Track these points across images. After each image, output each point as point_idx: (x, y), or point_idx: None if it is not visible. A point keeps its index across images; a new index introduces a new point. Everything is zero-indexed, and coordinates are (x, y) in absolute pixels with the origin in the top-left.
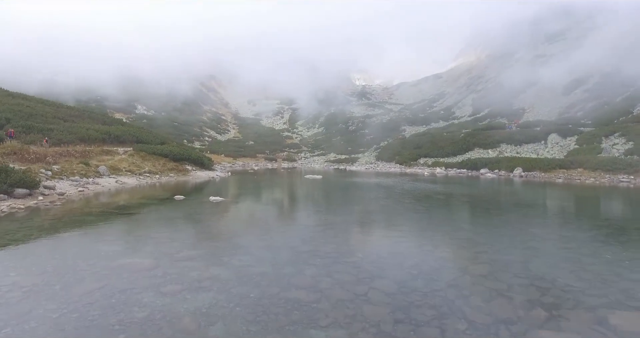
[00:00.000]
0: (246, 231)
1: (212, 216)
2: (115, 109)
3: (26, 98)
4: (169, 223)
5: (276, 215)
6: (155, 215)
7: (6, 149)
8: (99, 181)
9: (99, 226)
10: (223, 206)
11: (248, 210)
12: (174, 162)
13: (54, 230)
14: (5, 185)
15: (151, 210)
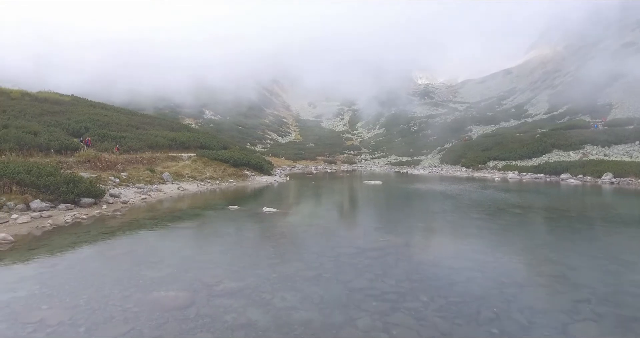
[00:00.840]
0: (295, 256)
1: (262, 233)
2: (186, 114)
3: (105, 108)
4: (217, 241)
5: (329, 233)
6: (206, 229)
7: (81, 157)
8: (162, 187)
9: (148, 242)
10: (275, 220)
11: (299, 226)
12: (234, 167)
13: (104, 246)
14: (73, 195)
15: (204, 223)
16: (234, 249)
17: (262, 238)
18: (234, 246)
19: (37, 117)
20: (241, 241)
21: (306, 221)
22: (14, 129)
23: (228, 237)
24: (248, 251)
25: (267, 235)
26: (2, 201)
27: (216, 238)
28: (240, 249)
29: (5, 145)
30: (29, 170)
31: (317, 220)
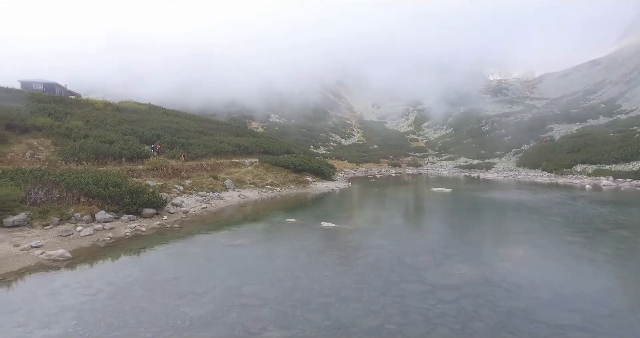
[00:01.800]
0: (353, 293)
1: (318, 256)
2: (252, 118)
3: (177, 115)
4: (268, 267)
5: (394, 259)
6: (259, 250)
7: (150, 164)
8: (224, 195)
9: (197, 265)
10: (333, 238)
11: (360, 249)
12: (295, 173)
13: (153, 269)
14: (136, 206)
15: (258, 241)
16: (286, 279)
17: (317, 265)
18: (286, 274)
19: (116, 126)
20: (295, 267)
21: (367, 242)
22: (93, 138)
23: (281, 261)
24: (300, 284)
25: (323, 260)
26: (71, 213)
27: (268, 261)
28: (292, 279)
29: (83, 154)
30: (97, 181)
31: (379, 239)
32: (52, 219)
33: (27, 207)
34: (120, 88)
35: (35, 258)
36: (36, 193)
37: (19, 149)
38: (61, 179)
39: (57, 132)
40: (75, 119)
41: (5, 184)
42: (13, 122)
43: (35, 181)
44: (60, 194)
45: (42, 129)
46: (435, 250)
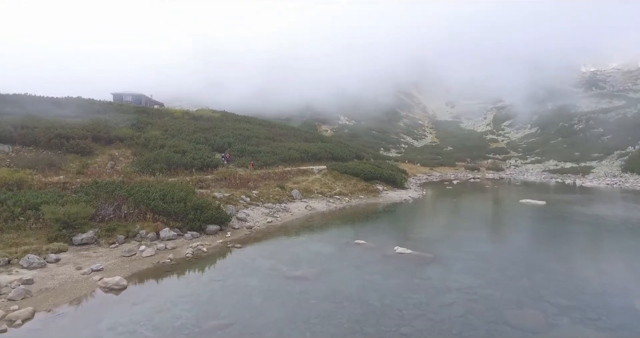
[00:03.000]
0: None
1: (392, 301)
2: (323, 121)
3: (249, 121)
4: (332, 315)
5: (487, 314)
6: (322, 287)
7: (219, 174)
8: (290, 206)
9: (252, 306)
10: (409, 272)
11: (442, 289)
12: (364, 182)
13: (202, 311)
14: (199, 222)
15: (322, 273)
16: (352, 336)
17: (392, 315)
18: (353, 326)
19: (190, 135)
20: (364, 318)
21: (452, 280)
22: (167, 148)
23: (348, 307)
24: None
25: (399, 307)
26: (137, 230)
27: (333, 306)
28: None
29: (157, 165)
30: (164, 195)
31: (465, 276)
32: (117, 237)
33: (95, 224)
34: (202, 95)
35: (92, 285)
36: (106, 209)
37: (102, 160)
38: (130, 194)
39: (136, 142)
40: (155, 129)
41: (79, 199)
42: (99, 134)
43: (107, 196)
44: (128, 210)
45: (124, 140)
46: (543, 297)
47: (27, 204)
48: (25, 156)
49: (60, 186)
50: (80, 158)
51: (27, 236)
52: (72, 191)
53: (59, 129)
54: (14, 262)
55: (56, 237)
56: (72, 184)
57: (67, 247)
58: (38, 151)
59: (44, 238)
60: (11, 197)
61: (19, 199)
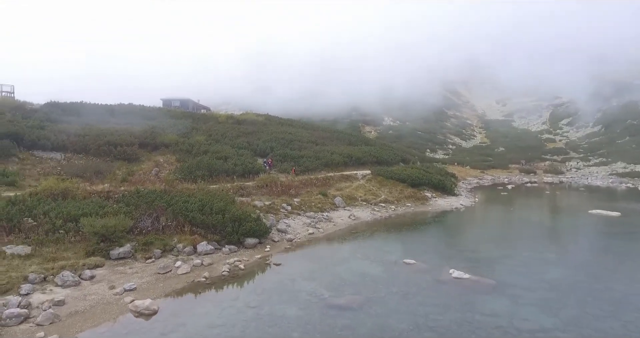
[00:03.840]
0: None
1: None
2: (367, 122)
3: (291, 125)
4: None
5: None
6: (368, 321)
7: (260, 181)
8: (333, 216)
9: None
10: (469, 305)
11: (512, 329)
12: (412, 188)
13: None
14: (237, 235)
15: (368, 302)
16: None
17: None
18: None
19: (234, 140)
20: None
21: (523, 317)
22: (210, 154)
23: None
24: None
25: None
26: (174, 243)
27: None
28: None
29: (199, 172)
30: (202, 206)
31: (540, 314)
32: (154, 251)
33: (133, 237)
34: (248, 99)
35: (123, 309)
36: (144, 221)
37: (147, 167)
38: (170, 204)
39: (180, 148)
40: (200, 134)
41: (119, 210)
42: (146, 141)
43: (146, 207)
44: (167, 222)
45: (169, 146)
46: None
47: (68, 217)
48: (76, 163)
49: (104, 195)
50: (127, 164)
51: (66, 250)
52: (114, 201)
53: (108, 137)
54: (49, 279)
55: (94, 251)
56: (115, 193)
57: (104, 262)
58: (88, 159)
59: (82, 252)
60: (54, 208)
61: (61, 211)
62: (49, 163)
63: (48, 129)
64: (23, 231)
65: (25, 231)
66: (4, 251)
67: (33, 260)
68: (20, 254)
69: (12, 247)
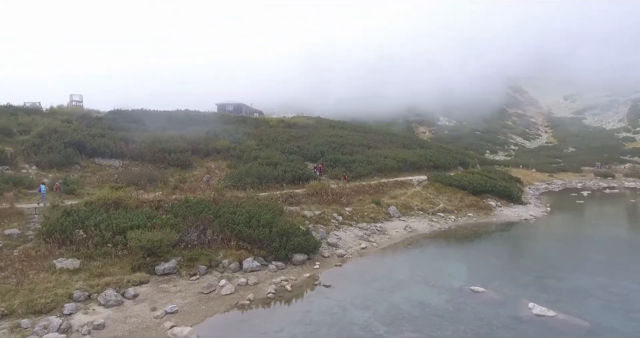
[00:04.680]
0: None
1: None
2: (420, 122)
3: (343, 127)
4: None
5: None
6: None
7: (310, 188)
8: (387, 227)
9: None
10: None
11: None
12: (473, 196)
13: None
14: (285, 251)
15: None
16: None
17: None
18: None
19: (284, 144)
20: None
21: None
22: (260, 160)
23: None
24: None
25: None
26: (220, 258)
27: None
28: None
29: (248, 179)
30: (249, 219)
31: None
32: (199, 268)
33: (178, 252)
34: (301, 102)
35: (161, 335)
36: (190, 234)
37: (199, 173)
38: (217, 216)
39: (232, 154)
40: (251, 139)
41: (167, 222)
42: (199, 147)
43: (194, 219)
44: (213, 235)
45: (221, 151)
46: None
47: (117, 229)
48: (132, 170)
49: (155, 204)
50: (180, 171)
51: (113, 265)
52: (164, 210)
53: (163, 144)
54: (93, 297)
55: (139, 266)
56: (166, 202)
57: (149, 278)
58: (144, 165)
59: (128, 266)
60: (105, 220)
61: (110, 223)
62: (107, 170)
63: (108, 136)
64: (74, 243)
65: (76, 244)
66: (54, 265)
67: (80, 274)
68: (69, 268)
69: (62, 260)
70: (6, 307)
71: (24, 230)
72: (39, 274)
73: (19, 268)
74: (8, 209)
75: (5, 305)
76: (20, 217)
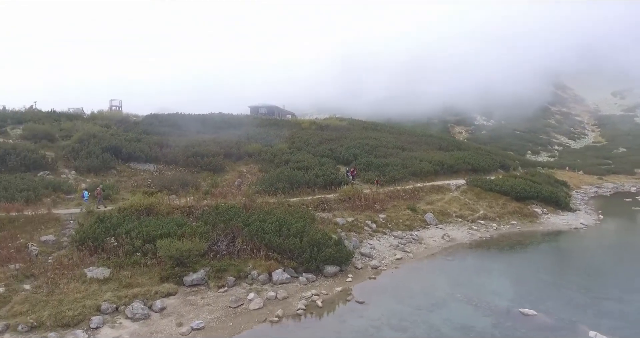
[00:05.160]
0: None
1: None
2: (457, 122)
3: (376, 129)
4: None
5: None
6: None
7: (343, 194)
8: (424, 235)
9: None
10: None
11: None
12: (516, 202)
13: None
14: (316, 262)
15: None
16: None
17: None
18: None
19: (316, 147)
20: None
21: None
22: (291, 164)
23: None
24: None
25: None
26: (249, 269)
27: None
28: None
29: (279, 184)
30: (279, 227)
31: None
32: (227, 279)
33: (207, 262)
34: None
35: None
36: (220, 243)
37: (231, 178)
38: (246, 224)
39: (263, 158)
40: (282, 142)
41: (197, 230)
42: (231, 151)
43: (223, 226)
44: (242, 244)
45: (253, 155)
46: None
47: (148, 237)
48: (166, 175)
49: (186, 210)
50: (212, 175)
51: (142, 274)
52: (195, 217)
53: (196, 148)
54: (121, 309)
55: (168, 276)
56: (197, 208)
57: (177, 289)
58: (177, 170)
59: (157, 277)
60: (136, 227)
61: (141, 231)
62: (142, 174)
63: (144, 141)
64: (106, 251)
65: (107, 252)
66: (84, 274)
67: (110, 284)
68: (98, 278)
69: (93, 269)
70: (35, 319)
71: (60, 236)
72: (69, 284)
73: (50, 277)
74: (45, 215)
75: (35, 316)
76: (57, 223)
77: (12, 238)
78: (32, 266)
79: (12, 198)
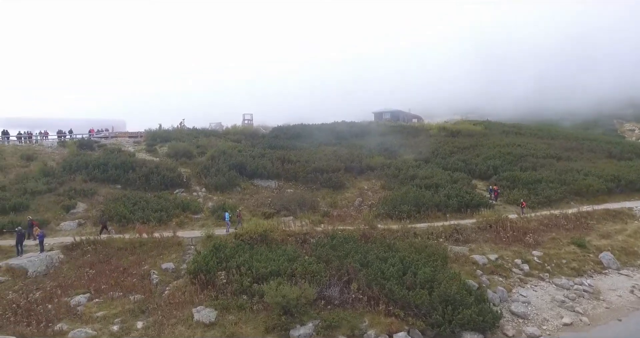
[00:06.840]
0: None
1: None
2: (622, 117)
3: (520, 133)
4: None
5: None
6: None
7: (482, 220)
8: (601, 286)
9: None
10: None
11: None
12: None
13: None
14: (450, 327)
15: None
16: None
17: None
18: None
19: (446, 158)
20: None
21: None
22: (417, 181)
23: None
24: None
25: None
26: (364, 327)
27: None
28: None
29: (404, 207)
30: (403, 272)
31: None
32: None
33: (316, 314)
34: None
35: None
36: (332, 288)
37: (351, 196)
38: (363, 264)
39: (386, 173)
40: (407, 152)
41: (308, 268)
42: (352, 165)
43: (338, 264)
44: (357, 292)
45: (375, 169)
46: None
47: (257, 275)
48: (285, 193)
49: (300, 238)
50: (332, 192)
51: (247, 322)
52: (309, 246)
53: (317, 163)
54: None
55: (274, 327)
56: (312, 236)
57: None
58: (297, 186)
59: (262, 326)
60: (247, 261)
61: (252, 266)
62: (263, 192)
63: (267, 157)
64: (215, 287)
65: (216, 288)
66: (191, 316)
67: (214, 331)
68: (204, 322)
69: (200, 310)
70: None
71: (180, 262)
72: (176, 327)
73: (160, 317)
74: (171, 239)
75: None
76: (179, 248)
77: (139, 264)
78: (150, 298)
79: (147, 218)
